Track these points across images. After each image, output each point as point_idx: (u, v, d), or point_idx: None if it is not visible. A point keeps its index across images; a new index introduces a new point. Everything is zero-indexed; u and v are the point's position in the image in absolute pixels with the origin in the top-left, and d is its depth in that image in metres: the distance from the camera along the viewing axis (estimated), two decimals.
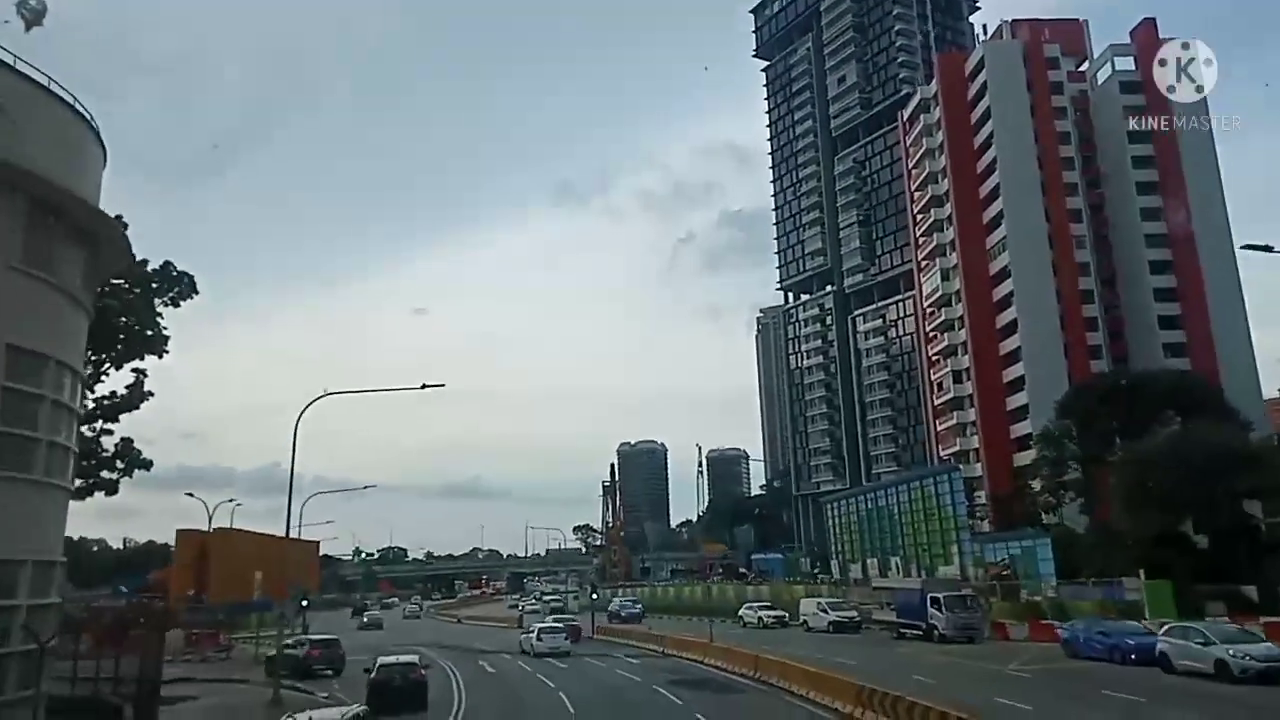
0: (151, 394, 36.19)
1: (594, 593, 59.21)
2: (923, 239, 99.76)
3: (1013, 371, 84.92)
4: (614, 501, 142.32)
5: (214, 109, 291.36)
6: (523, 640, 42.78)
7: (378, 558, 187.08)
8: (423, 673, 25.14)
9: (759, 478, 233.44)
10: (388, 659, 25.73)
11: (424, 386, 26.77)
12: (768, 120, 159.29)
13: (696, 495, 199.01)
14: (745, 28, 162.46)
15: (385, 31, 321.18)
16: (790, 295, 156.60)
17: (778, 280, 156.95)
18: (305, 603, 46.01)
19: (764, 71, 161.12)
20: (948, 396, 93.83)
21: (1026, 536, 55.75)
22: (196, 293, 38.84)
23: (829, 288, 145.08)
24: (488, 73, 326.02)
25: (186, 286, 38.46)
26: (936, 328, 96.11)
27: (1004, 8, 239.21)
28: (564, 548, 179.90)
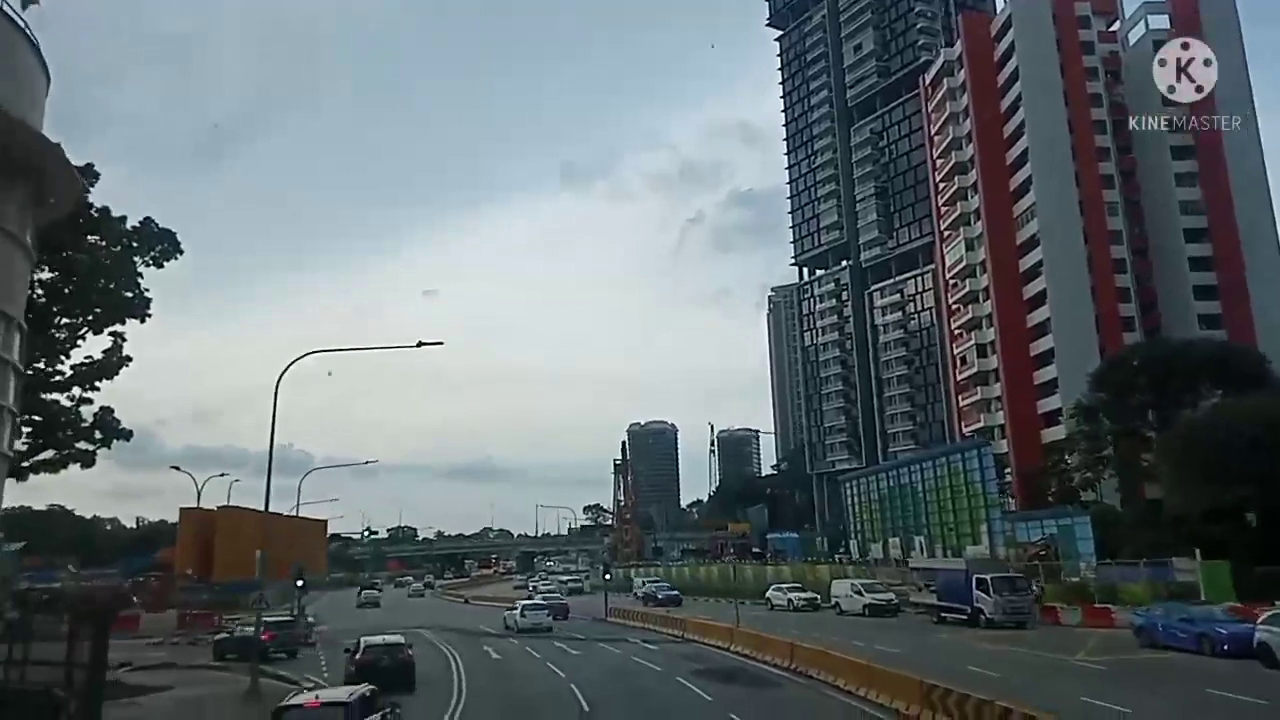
0: (130, 359, 33.49)
1: (607, 573, 56.51)
2: (945, 208, 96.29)
3: (1041, 345, 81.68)
4: (625, 480, 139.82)
5: (218, 92, 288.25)
6: (507, 617, 44.22)
7: (388, 537, 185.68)
8: (409, 652, 24.62)
9: (769, 458, 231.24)
10: (374, 639, 25.21)
11: (420, 345, 24.17)
12: (781, 91, 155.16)
13: (709, 474, 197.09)
14: None
15: (388, 12, 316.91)
16: (805, 271, 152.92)
17: (792, 255, 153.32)
18: (300, 582, 43.46)
19: (777, 41, 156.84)
20: (971, 371, 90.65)
21: (1063, 514, 52.88)
22: (181, 252, 36.00)
23: (845, 262, 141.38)
24: (491, 55, 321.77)
25: (169, 245, 35.66)
26: (960, 300, 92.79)
27: None
28: (575, 527, 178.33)
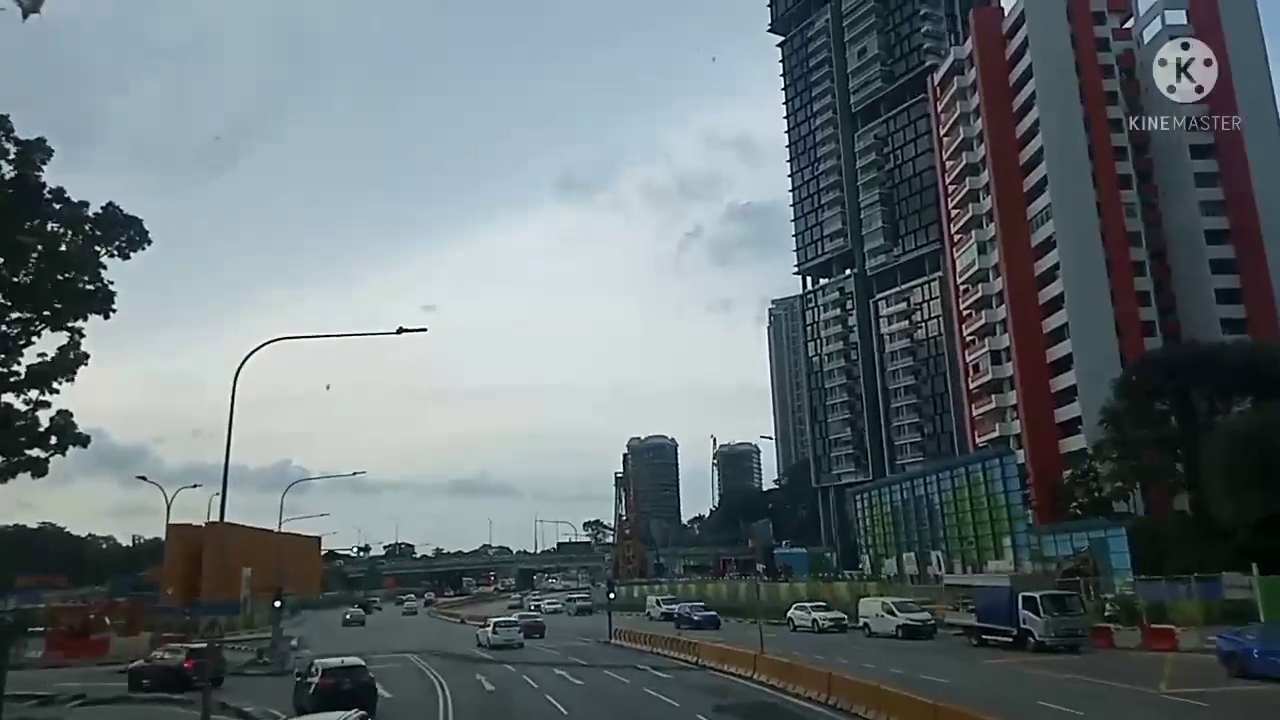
0: (88, 356, 30.42)
1: (611, 591, 53.19)
2: (955, 211, 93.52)
3: (1057, 351, 78.73)
4: (627, 494, 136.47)
5: (219, 102, 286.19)
6: (480, 634, 45.94)
7: (385, 555, 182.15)
8: (370, 675, 23.63)
9: (770, 472, 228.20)
10: (330, 662, 24.31)
11: (400, 331, 21.44)
12: (784, 98, 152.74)
13: (711, 489, 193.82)
14: (758, 4, 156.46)
15: (387, 25, 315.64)
16: (808, 280, 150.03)
17: (795, 264, 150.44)
18: (278, 603, 40.26)
19: (779, 47, 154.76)
20: (985, 379, 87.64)
21: (1095, 526, 49.77)
22: (149, 242, 32.92)
23: (849, 271, 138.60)
24: (487, 68, 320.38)
25: (136, 234, 32.65)
26: (972, 305, 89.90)
27: None
28: (565, 541, 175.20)
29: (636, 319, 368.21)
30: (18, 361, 30.56)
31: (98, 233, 31.90)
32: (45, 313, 30.88)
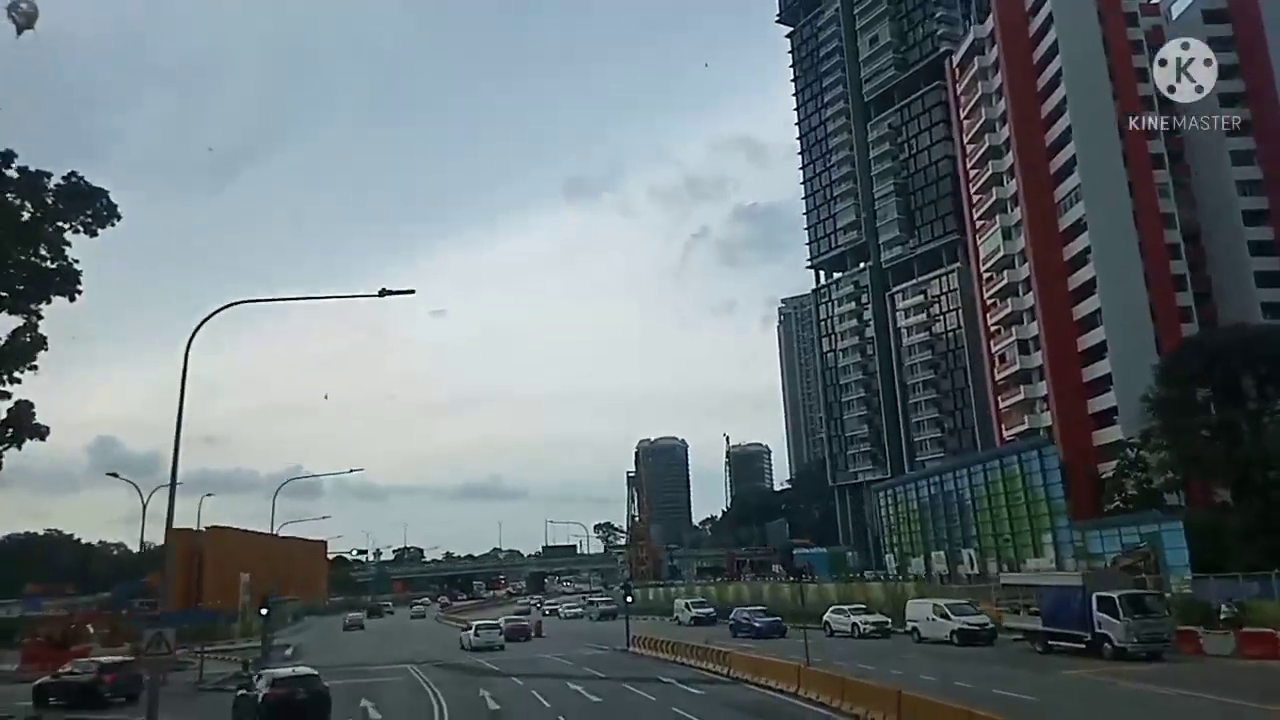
0: (45, 339, 27.39)
1: (628, 595, 49.95)
2: (978, 196, 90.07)
3: (1089, 339, 75.14)
4: (639, 494, 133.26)
5: (225, 115, 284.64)
6: (462, 637, 47.70)
7: (394, 559, 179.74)
8: (324, 685, 22.56)
9: (781, 473, 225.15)
10: (282, 671, 23.53)
11: (383, 293, 18.43)
12: (794, 89, 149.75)
13: (724, 489, 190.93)
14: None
15: (396, 32, 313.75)
16: (821, 275, 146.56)
17: (808, 258, 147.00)
18: (264, 610, 37.27)
19: (788, 38, 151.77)
20: (1012, 370, 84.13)
21: (1147, 520, 46.37)
22: (118, 217, 30.00)
23: (864, 264, 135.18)
24: (493, 72, 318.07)
25: (104, 208, 29.68)
26: (997, 294, 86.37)
27: None
28: (565, 545, 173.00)
29: (643, 322, 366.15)
30: None
31: (60, 206, 29.04)
32: (3, 294, 28.05)
